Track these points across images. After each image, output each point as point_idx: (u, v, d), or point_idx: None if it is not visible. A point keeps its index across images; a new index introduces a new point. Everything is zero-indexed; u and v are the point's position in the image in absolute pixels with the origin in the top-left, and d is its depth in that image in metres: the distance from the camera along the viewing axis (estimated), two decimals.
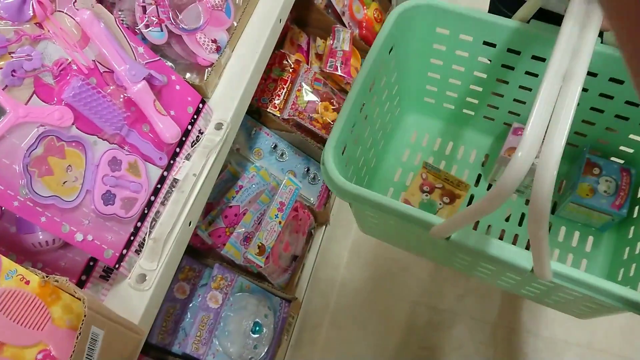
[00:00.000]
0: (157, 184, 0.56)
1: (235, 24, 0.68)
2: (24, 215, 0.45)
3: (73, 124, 0.49)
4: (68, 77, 0.48)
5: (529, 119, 0.48)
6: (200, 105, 0.61)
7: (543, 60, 0.73)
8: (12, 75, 0.44)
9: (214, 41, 0.65)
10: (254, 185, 1.03)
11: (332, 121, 1.18)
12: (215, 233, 0.98)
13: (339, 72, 1.23)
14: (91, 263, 0.53)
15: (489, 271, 0.68)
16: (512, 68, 0.76)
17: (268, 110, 1.13)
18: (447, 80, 0.83)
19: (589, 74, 0.67)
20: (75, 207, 0.48)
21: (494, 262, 0.58)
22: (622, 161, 0.83)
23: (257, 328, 0.98)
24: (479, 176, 0.87)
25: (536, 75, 0.75)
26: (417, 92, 0.87)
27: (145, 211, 0.55)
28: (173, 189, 0.58)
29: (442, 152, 0.89)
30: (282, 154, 1.16)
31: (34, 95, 0.46)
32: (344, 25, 1.33)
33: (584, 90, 0.73)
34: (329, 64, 1.23)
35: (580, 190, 0.79)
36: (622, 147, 0.82)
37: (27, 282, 0.43)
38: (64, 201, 0.48)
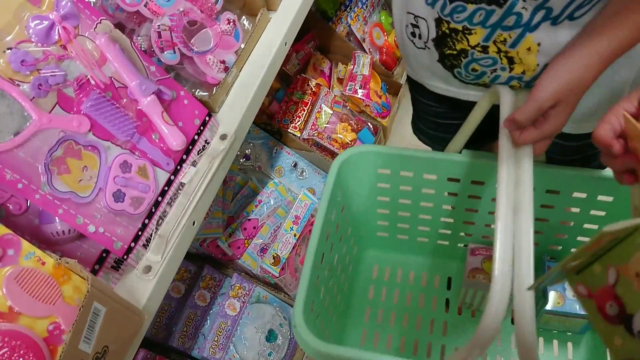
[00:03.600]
0: (164, 186, 0.63)
1: (243, 47, 0.75)
2: (44, 207, 0.53)
3: (90, 130, 0.56)
4: (87, 91, 0.56)
5: (494, 260, 0.52)
6: (207, 118, 0.68)
7: (482, 183, 0.77)
8: (39, 88, 0.53)
9: (223, 62, 0.73)
10: (272, 200, 1.09)
11: (350, 141, 1.23)
12: (234, 244, 1.05)
13: (359, 95, 1.29)
14: (104, 255, 0.60)
15: None
16: (456, 194, 0.81)
17: (289, 130, 1.20)
18: (396, 214, 0.87)
19: (553, 192, 0.73)
20: (89, 202, 0.56)
21: None
22: None
23: (272, 336, 1.03)
24: (447, 301, 0.88)
25: (479, 198, 0.80)
26: (370, 229, 0.90)
27: (153, 210, 0.62)
28: (179, 192, 0.65)
29: (406, 283, 0.90)
30: (302, 172, 1.22)
31: (57, 105, 0.54)
32: (364, 51, 1.40)
33: (551, 207, 0.77)
34: (348, 87, 1.30)
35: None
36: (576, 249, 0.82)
37: (43, 263, 0.50)
38: (79, 197, 0.55)
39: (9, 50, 0.50)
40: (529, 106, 0.58)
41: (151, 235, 0.62)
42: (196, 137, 0.67)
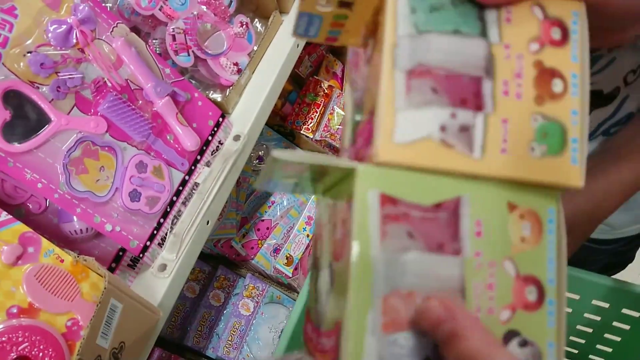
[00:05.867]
0: (179, 186, 0.64)
1: (256, 49, 0.76)
2: (63, 206, 0.54)
3: (107, 131, 0.58)
4: (104, 93, 0.58)
5: None
6: (221, 119, 0.69)
7: None
8: (57, 90, 0.54)
9: (236, 64, 0.74)
10: (285, 201, 1.10)
11: None
12: (248, 245, 1.06)
13: None
14: (120, 253, 0.61)
15: None
16: None
17: (301, 132, 1.21)
18: None
19: None
20: (106, 201, 0.57)
21: None
22: None
23: None
24: None
25: None
26: None
27: (168, 209, 0.63)
28: (194, 191, 0.66)
29: None
30: None
31: (75, 107, 0.56)
32: None
33: None
34: None
35: None
36: (593, 357, 0.78)
37: (62, 261, 0.52)
38: (97, 196, 0.56)
39: (29, 54, 0.52)
40: None
41: (166, 234, 0.63)
42: (210, 138, 0.68)
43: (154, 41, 0.70)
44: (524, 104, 0.27)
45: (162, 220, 0.62)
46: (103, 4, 0.60)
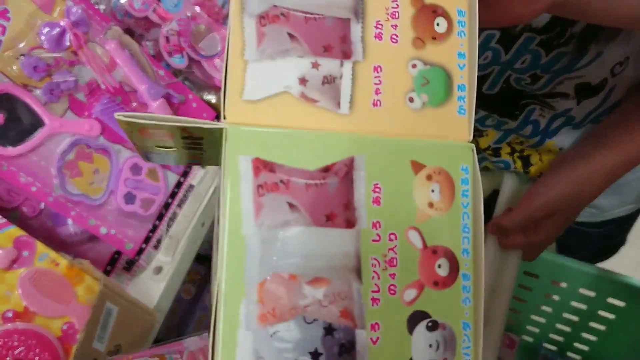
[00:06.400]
0: (174, 188, 0.64)
1: None
2: (57, 209, 0.54)
3: (101, 134, 0.58)
4: (97, 95, 0.58)
5: None
6: (215, 121, 0.69)
7: None
8: (51, 93, 0.54)
9: None
10: None
11: None
12: None
13: None
14: (115, 256, 0.61)
15: None
16: None
17: None
18: None
19: (532, 275, 0.70)
20: (100, 204, 0.57)
21: None
22: (580, 358, 0.81)
23: None
24: None
25: None
26: None
27: (163, 212, 0.63)
28: (189, 193, 0.66)
29: None
30: None
31: (68, 109, 0.55)
32: None
33: (528, 289, 0.74)
34: None
35: None
36: (578, 344, 0.80)
37: (57, 264, 0.51)
38: (91, 199, 0.56)
39: (22, 57, 0.52)
40: (518, 213, 0.51)
41: (161, 237, 0.63)
42: None
43: (147, 43, 0.70)
44: (401, 48, 0.23)
45: (157, 222, 0.62)
46: (96, 6, 0.60)
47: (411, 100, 0.23)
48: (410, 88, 0.23)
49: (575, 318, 0.75)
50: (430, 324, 0.23)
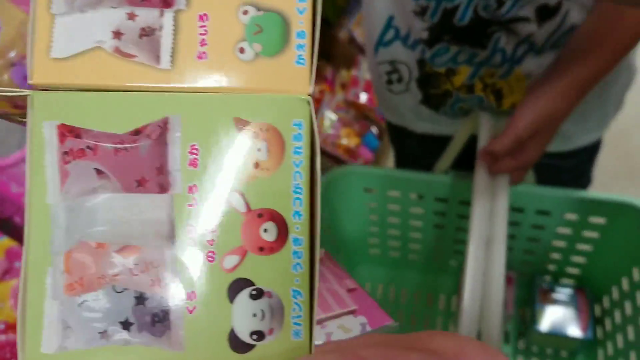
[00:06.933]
0: None
1: None
2: None
3: None
4: None
5: (463, 291, 0.51)
6: None
7: (469, 203, 0.75)
8: None
9: None
10: None
11: (354, 146, 1.26)
12: None
13: (362, 100, 1.33)
14: None
15: None
16: (443, 214, 0.79)
17: None
18: (386, 232, 0.86)
19: (517, 209, 0.73)
20: None
21: None
22: (574, 283, 0.84)
23: None
24: (438, 317, 0.88)
25: (467, 217, 0.76)
26: (361, 246, 0.90)
27: None
28: None
29: (398, 299, 0.89)
30: None
31: None
32: (365, 55, 1.44)
33: (517, 224, 0.77)
34: (351, 93, 1.33)
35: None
36: (569, 269, 0.83)
37: None
38: None
39: (13, 67, 0.57)
40: (506, 137, 0.56)
41: None
42: None
43: None
44: None
45: None
46: None
47: (242, 50, 0.21)
48: (241, 37, 0.21)
49: (563, 244, 0.78)
50: (254, 292, 0.22)
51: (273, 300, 0.22)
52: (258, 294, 0.22)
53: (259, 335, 0.22)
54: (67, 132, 0.21)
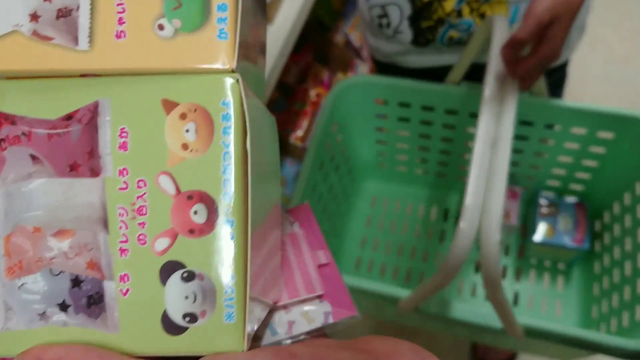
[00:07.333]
0: None
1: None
2: None
3: None
4: None
5: (466, 190, 0.52)
6: None
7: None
8: None
9: None
10: None
11: None
12: None
13: None
14: None
15: (464, 330, 0.69)
16: (453, 127, 0.80)
17: (290, 140, 1.28)
18: (394, 146, 0.87)
19: (526, 123, 0.74)
20: None
21: (464, 326, 0.60)
22: (575, 198, 0.86)
23: None
24: (442, 232, 0.90)
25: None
26: (369, 160, 0.92)
27: None
28: None
29: (403, 214, 0.92)
30: None
31: None
32: (361, 59, 1.47)
33: (525, 138, 0.77)
34: None
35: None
36: (572, 185, 0.85)
37: None
38: None
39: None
40: (528, 22, 0.56)
41: None
42: None
43: None
44: None
45: None
46: None
47: (161, 27, 0.21)
48: (159, 13, 0.21)
49: (569, 159, 0.79)
50: (185, 275, 0.22)
51: (205, 283, 0.22)
52: (189, 277, 0.22)
53: (192, 317, 0.22)
54: (2, 119, 0.22)
